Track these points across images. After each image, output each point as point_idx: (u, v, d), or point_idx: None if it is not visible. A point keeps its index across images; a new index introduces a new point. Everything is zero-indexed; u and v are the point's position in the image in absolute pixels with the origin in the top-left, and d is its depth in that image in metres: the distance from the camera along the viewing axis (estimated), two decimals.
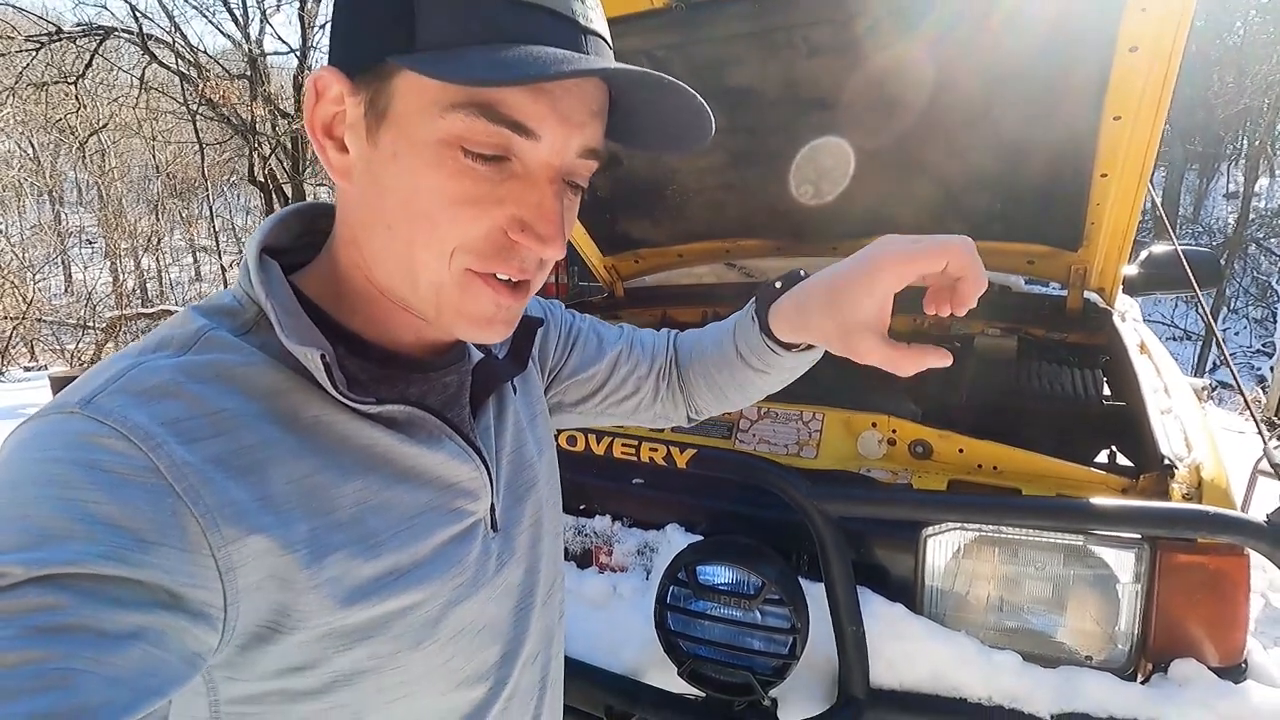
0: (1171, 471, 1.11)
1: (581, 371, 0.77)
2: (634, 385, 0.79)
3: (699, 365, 0.79)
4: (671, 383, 0.81)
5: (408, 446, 0.50)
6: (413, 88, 0.44)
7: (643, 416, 0.82)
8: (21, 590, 0.33)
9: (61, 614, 0.33)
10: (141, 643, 0.35)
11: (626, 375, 0.79)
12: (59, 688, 0.32)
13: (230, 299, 0.50)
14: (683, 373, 0.81)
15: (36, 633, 0.33)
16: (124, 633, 0.35)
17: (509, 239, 0.47)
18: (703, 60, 1.57)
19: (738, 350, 0.74)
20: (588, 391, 0.78)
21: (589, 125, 0.47)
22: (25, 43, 10.66)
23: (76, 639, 0.33)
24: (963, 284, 0.57)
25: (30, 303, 11.19)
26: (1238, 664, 1.03)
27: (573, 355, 0.77)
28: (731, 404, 0.80)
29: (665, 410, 0.82)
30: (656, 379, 0.80)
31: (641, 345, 0.81)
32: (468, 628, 0.54)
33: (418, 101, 0.44)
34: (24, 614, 0.33)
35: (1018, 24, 1.31)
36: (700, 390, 0.80)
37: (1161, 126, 1.36)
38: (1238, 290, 14.04)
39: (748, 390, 0.77)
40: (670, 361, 0.81)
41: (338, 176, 0.48)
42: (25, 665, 0.32)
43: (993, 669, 1.05)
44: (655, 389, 0.80)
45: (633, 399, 0.79)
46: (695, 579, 1.11)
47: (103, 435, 0.38)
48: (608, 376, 0.78)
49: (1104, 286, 1.84)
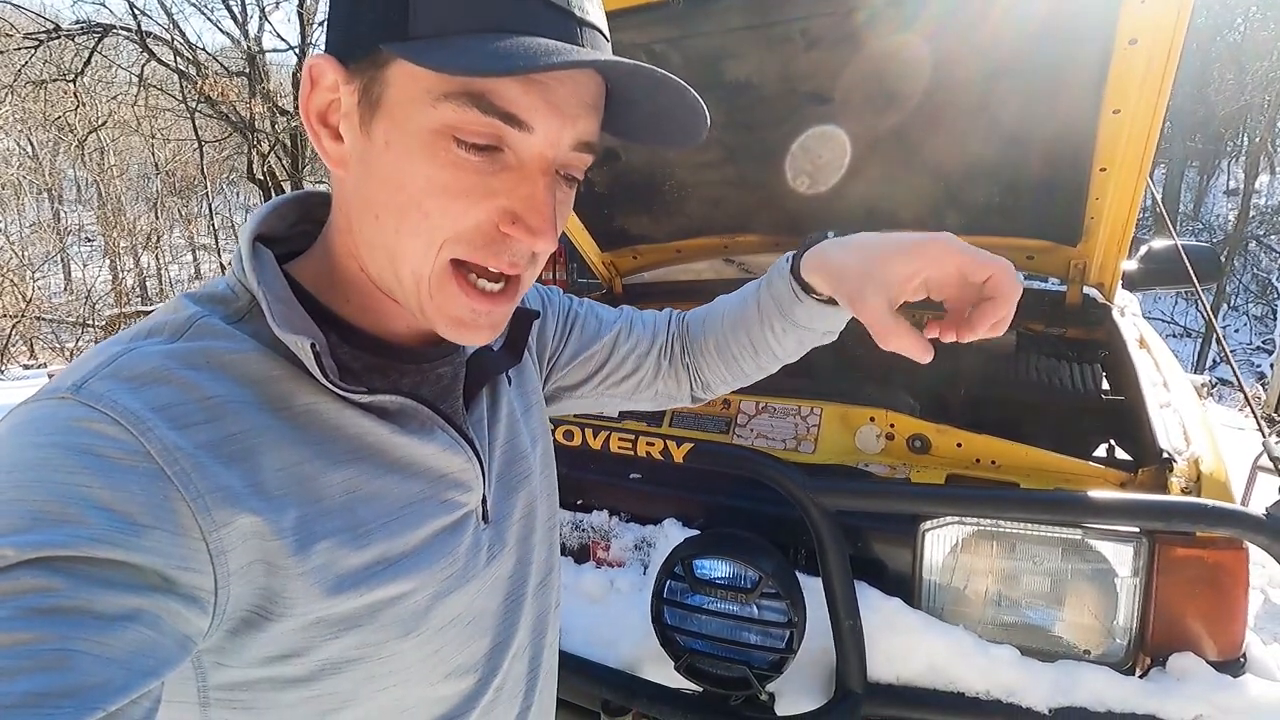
0: (1170, 465, 1.10)
1: (582, 353, 0.77)
2: (634, 364, 0.78)
3: (713, 333, 0.78)
4: (674, 359, 0.80)
5: (399, 437, 0.50)
6: (406, 77, 0.44)
7: (643, 396, 0.81)
8: (15, 572, 0.34)
9: (56, 596, 0.34)
10: (136, 624, 0.36)
11: (627, 354, 0.78)
12: (56, 667, 0.32)
13: (224, 287, 0.50)
14: (692, 345, 0.80)
15: (32, 614, 0.33)
16: (118, 614, 0.35)
17: (499, 232, 0.46)
18: (700, 54, 1.56)
19: (759, 303, 0.72)
20: (588, 372, 0.78)
21: (583, 118, 0.47)
22: (24, 40, 10.64)
23: (72, 620, 0.34)
24: (987, 305, 0.57)
25: (29, 301, 11.20)
26: (1236, 658, 1.03)
27: (571, 338, 0.77)
28: (743, 372, 0.78)
29: (667, 388, 0.81)
30: (658, 356, 0.79)
31: (642, 323, 0.81)
32: (457, 619, 0.54)
33: (411, 91, 0.44)
34: (19, 595, 0.33)
35: (1016, 17, 1.30)
36: (710, 362, 0.79)
37: (1161, 120, 1.36)
38: (1238, 287, 14.03)
39: (761, 355, 0.75)
40: (673, 338, 0.80)
41: (332, 165, 0.49)
42: (22, 645, 0.32)
43: (990, 663, 1.05)
44: (656, 367, 0.79)
45: (633, 378, 0.79)
46: (692, 573, 1.10)
47: (95, 420, 0.38)
48: (608, 355, 0.78)
49: (1103, 281, 1.84)
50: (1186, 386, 1.41)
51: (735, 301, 0.77)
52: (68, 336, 11.65)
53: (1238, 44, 13.78)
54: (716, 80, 1.61)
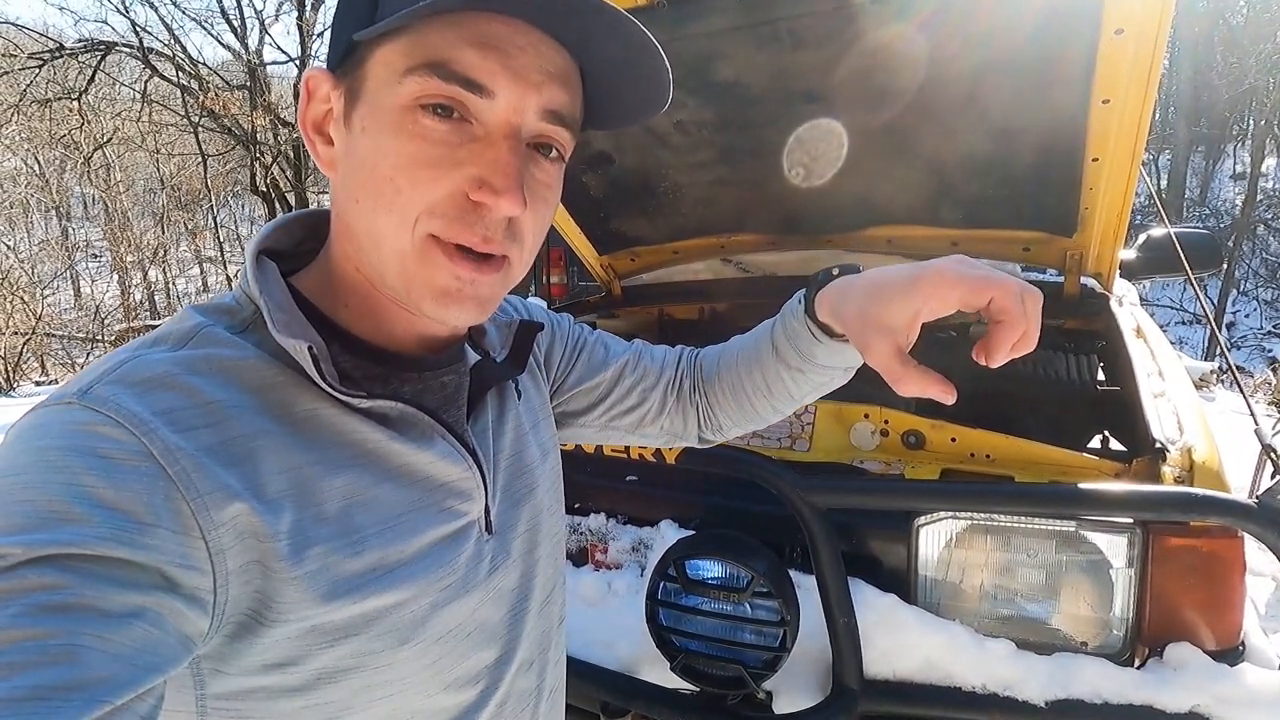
0: (1163, 455, 1.10)
1: (587, 380, 0.76)
2: (639, 396, 0.78)
3: (727, 372, 0.77)
4: (682, 396, 0.79)
5: (398, 444, 0.51)
6: (378, 63, 0.47)
7: (649, 431, 0.80)
8: (22, 570, 0.34)
9: (63, 593, 0.35)
10: (140, 622, 0.36)
11: (632, 386, 0.78)
12: (63, 662, 0.33)
13: (229, 299, 0.51)
14: (705, 383, 0.79)
15: (40, 610, 0.34)
16: (124, 612, 0.36)
17: (470, 201, 0.47)
18: (690, 56, 1.57)
19: (774, 344, 0.71)
20: (593, 400, 0.77)
21: (547, 85, 0.48)
22: (28, 60, 10.76)
23: (78, 617, 0.34)
24: (995, 330, 0.54)
25: (39, 318, 11.30)
26: (1234, 646, 1.03)
27: (578, 363, 0.77)
28: (756, 413, 0.77)
29: (673, 425, 0.80)
30: (664, 391, 0.79)
31: (651, 357, 0.80)
32: (456, 630, 0.53)
33: (382, 74, 0.46)
34: (26, 593, 0.34)
35: (1002, 10, 1.30)
36: (724, 401, 0.77)
37: (1151, 109, 1.35)
38: (1247, 272, 13.90)
39: (775, 395, 0.74)
40: (682, 374, 0.80)
41: (325, 168, 0.51)
42: (30, 641, 0.33)
43: (987, 657, 1.05)
44: (663, 401, 0.79)
45: (638, 410, 0.78)
46: (685, 574, 1.11)
47: (99, 423, 0.39)
48: (613, 385, 0.77)
49: (1101, 271, 1.83)
50: (1182, 375, 1.40)
51: (748, 341, 0.75)
52: (78, 352, 11.77)
53: (1240, 27, 13.67)
54: (707, 81, 1.61)
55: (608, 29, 0.48)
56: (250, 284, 0.50)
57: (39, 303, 11.92)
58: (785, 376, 0.71)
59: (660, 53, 0.50)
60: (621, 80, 0.52)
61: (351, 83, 0.48)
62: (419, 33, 0.45)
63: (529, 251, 0.52)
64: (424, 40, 0.45)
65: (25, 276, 12.43)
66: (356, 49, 0.48)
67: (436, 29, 0.45)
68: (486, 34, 0.45)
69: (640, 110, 0.56)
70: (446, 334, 0.57)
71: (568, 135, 0.51)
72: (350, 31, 0.47)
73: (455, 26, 0.45)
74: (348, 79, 0.48)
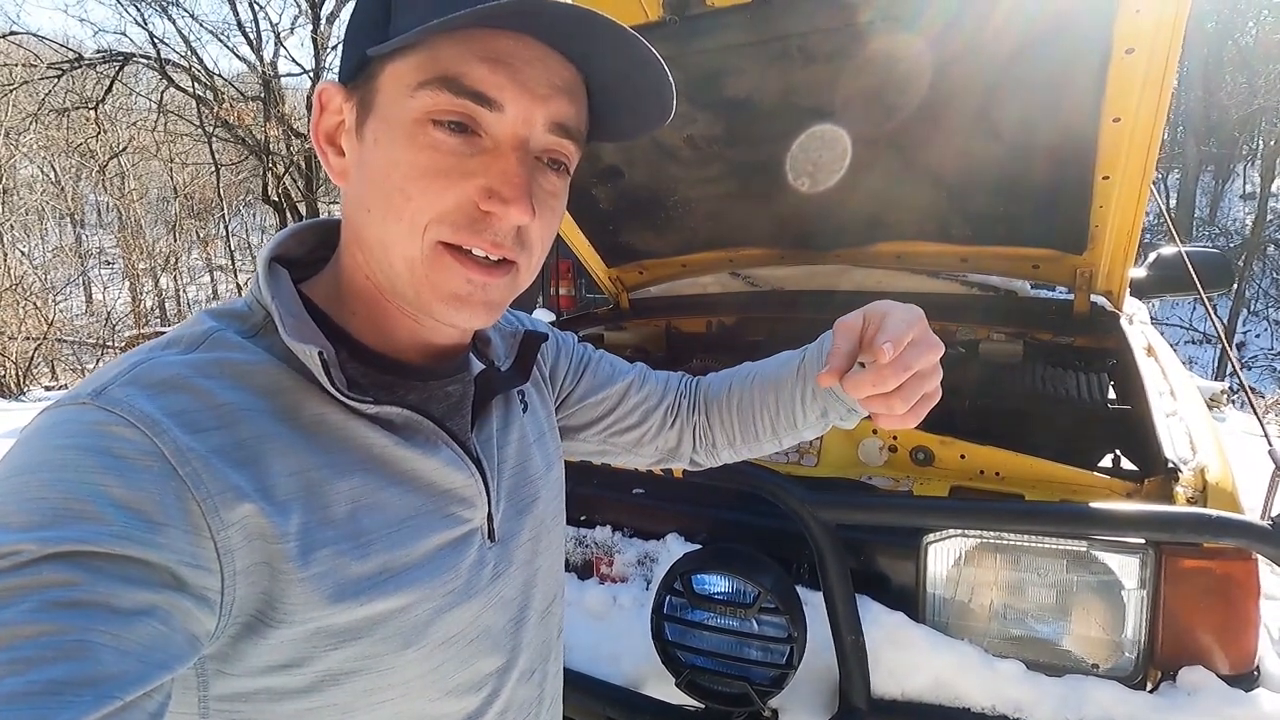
0: (1175, 475, 1.09)
1: (591, 395, 0.78)
2: (641, 415, 0.80)
3: (738, 389, 0.78)
4: (680, 419, 0.81)
5: (403, 449, 0.51)
6: (390, 77, 0.48)
7: (645, 450, 0.82)
8: (37, 567, 0.35)
9: (76, 590, 0.35)
10: (150, 619, 0.37)
11: (636, 405, 0.79)
12: (76, 657, 0.34)
13: (241, 304, 0.52)
14: (707, 404, 0.80)
15: (53, 606, 0.34)
16: (135, 609, 0.37)
17: (479, 210, 0.48)
18: (700, 71, 1.58)
19: (802, 367, 0.73)
20: (596, 415, 0.79)
21: (554, 99, 0.49)
22: (48, 70, 10.93)
23: (91, 613, 0.35)
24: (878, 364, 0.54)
25: (51, 323, 11.39)
26: (1249, 671, 1.01)
27: (584, 379, 0.78)
28: (755, 434, 0.78)
29: (668, 444, 0.81)
30: (665, 412, 0.81)
31: (655, 379, 0.82)
32: (459, 635, 0.54)
33: (394, 89, 0.47)
34: (40, 589, 0.35)
35: (1014, 27, 1.30)
36: (725, 419, 0.79)
37: (1162, 128, 1.35)
38: (1257, 292, 13.80)
39: (779, 422, 0.75)
40: (681, 397, 0.82)
41: (337, 178, 0.52)
42: (44, 636, 0.33)
43: (996, 678, 1.04)
44: (662, 422, 0.80)
45: (638, 429, 0.80)
46: (691, 588, 1.10)
47: (112, 424, 0.40)
48: (617, 402, 0.79)
49: (1111, 289, 1.82)
50: (1194, 395, 1.39)
51: (771, 363, 0.77)
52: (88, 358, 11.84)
53: (1249, 47, 13.67)
54: (717, 96, 1.62)
55: (612, 44, 0.49)
56: (262, 290, 0.51)
57: (51, 308, 12.02)
58: (797, 398, 0.73)
59: (663, 67, 0.51)
60: (626, 93, 0.54)
61: (364, 96, 0.49)
62: (430, 48, 0.46)
63: (536, 259, 0.54)
64: (435, 56, 0.46)
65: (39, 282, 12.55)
66: (369, 63, 0.49)
67: (447, 45, 0.46)
68: (495, 50, 0.47)
69: (644, 123, 0.57)
70: (452, 343, 0.58)
71: (573, 147, 0.52)
72: (363, 46, 0.48)
73: (465, 43, 0.46)
74: (360, 92, 0.50)
